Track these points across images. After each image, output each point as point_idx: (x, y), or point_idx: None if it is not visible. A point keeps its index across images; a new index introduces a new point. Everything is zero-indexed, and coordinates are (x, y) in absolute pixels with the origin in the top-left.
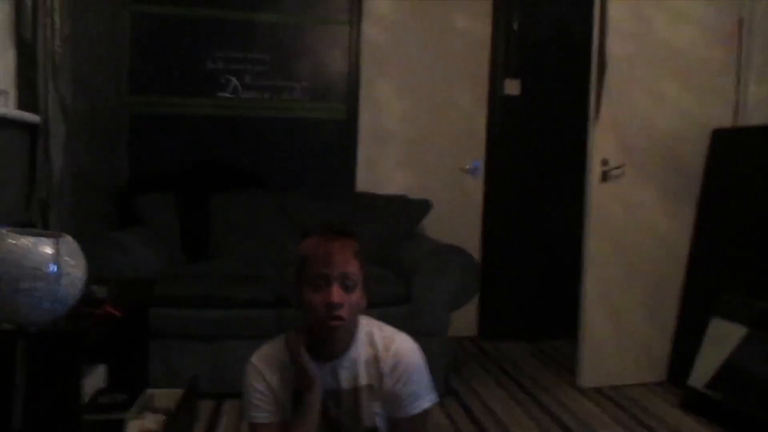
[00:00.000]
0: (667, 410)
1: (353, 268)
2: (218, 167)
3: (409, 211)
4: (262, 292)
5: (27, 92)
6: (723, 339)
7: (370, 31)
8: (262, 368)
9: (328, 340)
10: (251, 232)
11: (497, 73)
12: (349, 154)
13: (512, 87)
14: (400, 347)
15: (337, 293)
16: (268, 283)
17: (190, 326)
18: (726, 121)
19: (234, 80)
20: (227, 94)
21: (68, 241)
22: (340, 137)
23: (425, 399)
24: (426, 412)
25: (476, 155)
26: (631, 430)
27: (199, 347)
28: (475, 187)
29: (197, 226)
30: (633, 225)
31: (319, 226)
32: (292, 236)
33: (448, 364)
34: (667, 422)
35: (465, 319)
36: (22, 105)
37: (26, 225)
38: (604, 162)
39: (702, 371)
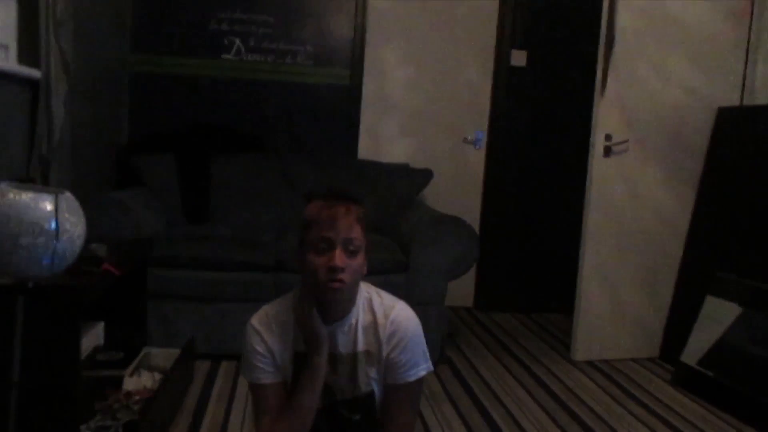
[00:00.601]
0: (658, 385)
1: (357, 233)
2: (219, 130)
3: (410, 180)
4: (260, 256)
5: (28, 47)
6: (717, 317)
7: None
8: (263, 330)
9: (328, 304)
10: (251, 195)
11: (503, 43)
12: (351, 120)
13: (518, 58)
14: (399, 315)
15: (340, 257)
16: (267, 246)
17: (188, 287)
18: (733, 100)
19: (238, 42)
20: (230, 56)
21: (68, 198)
22: (343, 103)
23: (421, 367)
24: (421, 380)
25: (479, 126)
26: (622, 404)
27: (196, 308)
28: (477, 158)
29: (197, 188)
30: (633, 201)
31: (323, 191)
32: (292, 201)
33: (443, 333)
34: (658, 397)
35: (462, 290)
36: (22, 59)
37: (26, 181)
38: (608, 137)
39: (695, 348)
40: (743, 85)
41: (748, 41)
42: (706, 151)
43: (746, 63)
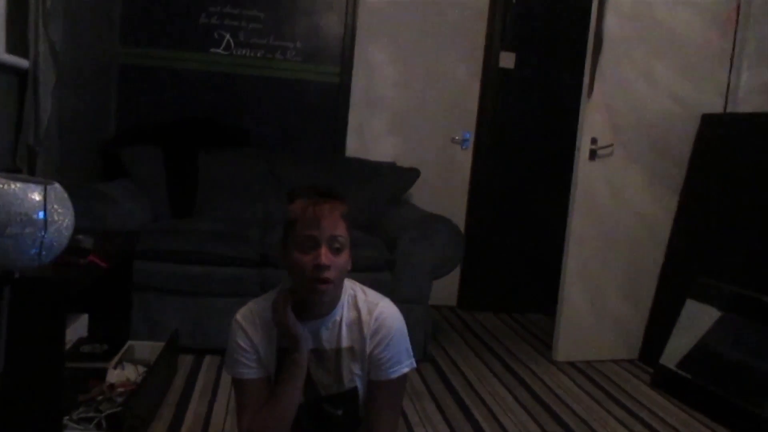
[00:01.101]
0: (637, 387)
1: (341, 230)
2: (207, 124)
3: (396, 178)
4: (245, 251)
5: (16, 36)
6: (696, 321)
7: None
8: (247, 326)
9: (313, 301)
10: (238, 190)
11: (493, 45)
12: (339, 118)
13: (507, 60)
14: (383, 312)
15: (325, 255)
16: (252, 241)
17: (173, 281)
18: (717, 107)
19: (227, 36)
20: (220, 51)
21: (57, 189)
22: (332, 100)
23: (404, 364)
24: (404, 377)
25: (467, 126)
26: (602, 405)
27: (181, 302)
28: (464, 158)
29: (184, 182)
30: (617, 204)
31: (307, 188)
32: (278, 197)
33: (427, 331)
34: (637, 398)
35: (445, 289)
36: (11, 48)
37: (12, 171)
38: (594, 140)
39: (674, 351)
40: (727, 92)
41: (733, 49)
42: (690, 157)
43: (731, 71)
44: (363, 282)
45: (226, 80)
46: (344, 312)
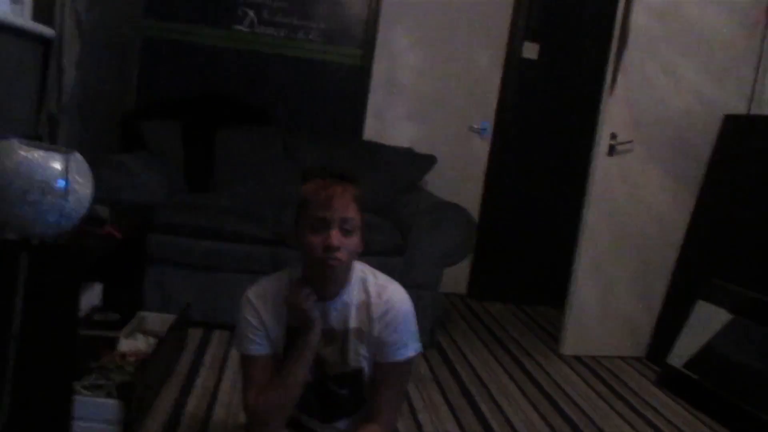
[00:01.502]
0: (643, 384)
1: (353, 213)
2: (227, 101)
3: (413, 164)
4: (259, 229)
5: (43, 4)
6: (706, 322)
7: None
8: (257, 303)
9: (322, 281)
10: (254, 168)
11: (516, 34)
12: (359, 101)
13: (530, 50)
14: (392, 295)
15: (335, 237)
16: (266, 220)
17: (187, 255)
18: (740, 108)
19: (251, 14)
20: (243, 28)
21: (78, 159)
22: (352, 83)
23: (411, 347)
24: (410, 360)
25: (486, 115)
26: (607, 401)
27: (193, 276)
28: (482, 147)
29: (201, 158)
30: (633, 201)
31: (320, 169)
32: (294, 177)
33: (435, 318)
34: (643, 397)
35: (456, 277)
36: (37, 16)
37: (33, 138)
38: (613, 136)
39: (682, 351)
40: (752, 94)
41: (761, 50)
42: (710, 158)
43: (757, 72)
44: (373, 266)
45: (247, 58)
46: (353, 294)
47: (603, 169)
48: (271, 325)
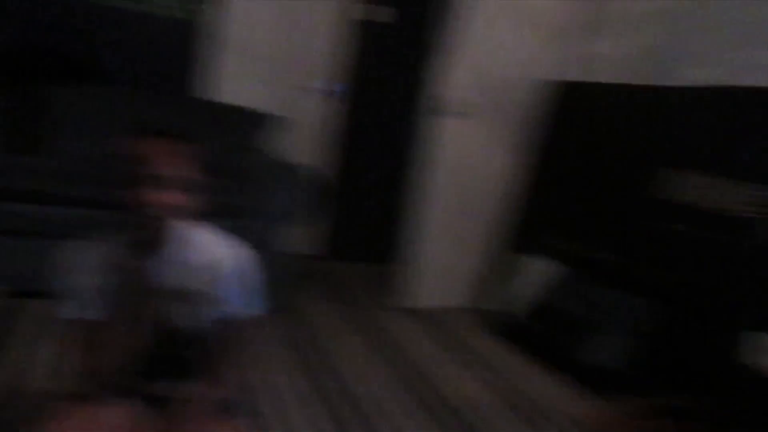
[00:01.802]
0: (476, 333)
1: (187, 171)
2: (52, 54)
3: (257, 124)
4: (87, 191)
5: None
6: (538, 274)
7: None
8: (83, 264)
9: (157, 241)
10: (83, 127)
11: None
12: (199, 58)
13: (384, 14)
14: (234, 255)
15: (170, 195)
16: (96, 182)
17: (7, 221)
18: (574, 75)
19: None
20: None
21: None
22: (192, 40)
23: (253, 307)
24: (253, 320)
25: (338, 78)
26: (442, 349)
27: (12, 243)
28: (335, 110)
29: (21, 115)
30: (466, 162)
31: (154, 126)
32: (126, 135)
33: (279, 278)
34: (475, 344)
35: (313, 239)
36: None
37: None
38: (447, 98)
39: (514, 301)
40: (583, 61)
41: (591, 19)
42: (545, 123)
43: (587, 39)
44: (214, 226)
45: (70, 7)
46: (193, 254)
47: (436, 131)
48: (99, 286)
